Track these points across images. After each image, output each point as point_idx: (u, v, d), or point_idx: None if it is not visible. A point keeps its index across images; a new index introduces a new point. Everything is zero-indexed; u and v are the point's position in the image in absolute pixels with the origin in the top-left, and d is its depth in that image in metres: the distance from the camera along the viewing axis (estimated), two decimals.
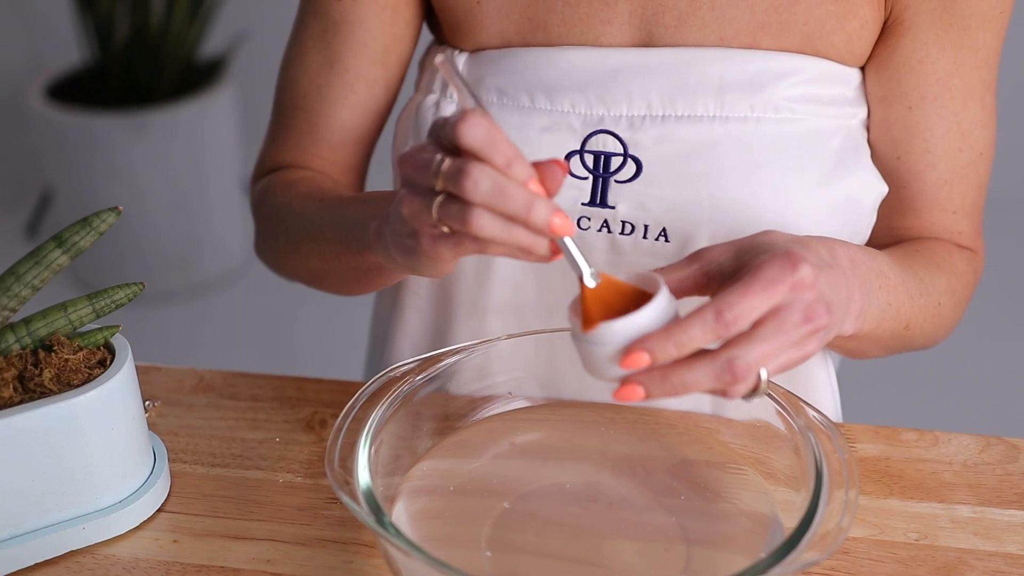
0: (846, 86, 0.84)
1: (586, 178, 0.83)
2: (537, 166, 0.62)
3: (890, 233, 0.89)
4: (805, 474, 0.69)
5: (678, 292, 0.66)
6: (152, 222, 2.47)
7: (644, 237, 0.84)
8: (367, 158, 0.98)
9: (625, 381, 0.62)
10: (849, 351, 0.84)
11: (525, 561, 0.69)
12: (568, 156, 0.83)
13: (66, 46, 2.68)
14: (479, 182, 0.60)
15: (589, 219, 0.84)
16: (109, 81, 2.44)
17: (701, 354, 0.62)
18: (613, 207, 0.84)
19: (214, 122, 2.43)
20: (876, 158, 0.87)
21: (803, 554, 0.61)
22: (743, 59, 0.82)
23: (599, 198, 0.84)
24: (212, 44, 2.65)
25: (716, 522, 0.72)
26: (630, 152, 0.83)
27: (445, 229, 0.63)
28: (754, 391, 0.63)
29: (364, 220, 0.77)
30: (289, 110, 0.95)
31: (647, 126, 0.83)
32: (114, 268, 2.50)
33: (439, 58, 0.66)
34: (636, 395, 0.62)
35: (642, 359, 0.61)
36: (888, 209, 0.88)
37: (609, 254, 0.85)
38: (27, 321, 0.74)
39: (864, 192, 0.84)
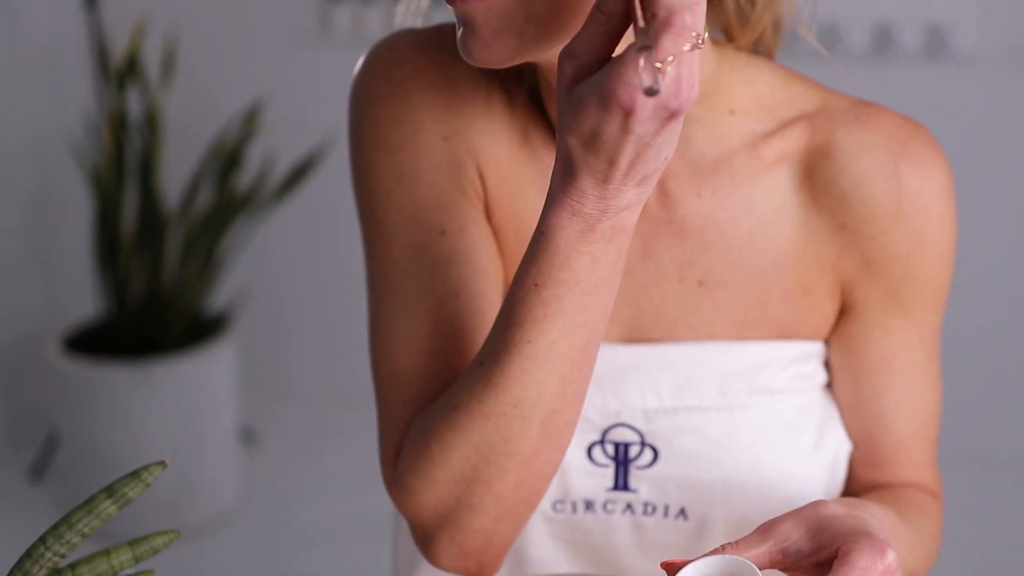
0: (817, 357, 0.92)
1: (608, 466, 0.88)
2: None
3: (857, 483, 0.94)
4: None
5: None
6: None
7: (665, 516, 0.89)
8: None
9: None
10: None
11: None
12: (591, 446, 0.89)
13: (83, 301, 2.85)
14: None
15: (614, 503, 0.89)
16: (122, 334, 2.60)
17: None
18: (635, 491, 0.89)
19: (216, 373, 2.56)
20: None
21: None
22: (737, 351, 0.89)
23: (622, 483, 0.89)
24: (216, 300, 2.82)
25: None
26: (647, 441, 0.88)
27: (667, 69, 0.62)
28: None
29: (529, 285, 0.73)
30: (415, 377, 0.85)
31: (660, 418, 0.88)
32: None
33: None
34: None
35: None
36: (853, 462, 0.94)
37: (633, 533, 0.90)
38: (73, 566, 0.83)
39: (841, 449, 0.92)
